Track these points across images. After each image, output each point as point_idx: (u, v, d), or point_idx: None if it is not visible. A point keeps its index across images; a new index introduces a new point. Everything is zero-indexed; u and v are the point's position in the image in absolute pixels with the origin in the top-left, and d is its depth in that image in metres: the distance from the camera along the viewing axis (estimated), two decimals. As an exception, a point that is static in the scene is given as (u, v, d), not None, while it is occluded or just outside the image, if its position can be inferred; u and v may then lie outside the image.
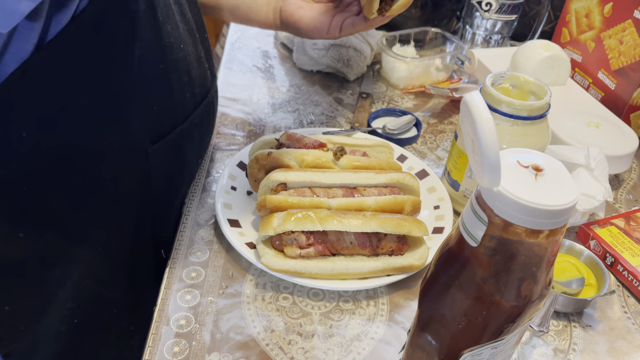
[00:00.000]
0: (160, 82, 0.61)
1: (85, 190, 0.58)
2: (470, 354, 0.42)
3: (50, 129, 0.52)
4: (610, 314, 0.64)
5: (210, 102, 0.73)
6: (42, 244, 0.57)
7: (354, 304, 0.62)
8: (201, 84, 0.70)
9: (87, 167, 0.56)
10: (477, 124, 0.33)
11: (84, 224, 0.59)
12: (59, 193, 0.56)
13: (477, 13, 1.07)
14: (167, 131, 0.64)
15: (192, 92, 0.68)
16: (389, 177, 0.67)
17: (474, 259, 0.39)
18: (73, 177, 0.56)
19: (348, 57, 1.00)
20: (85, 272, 0.62)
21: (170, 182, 0.69)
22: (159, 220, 0.69)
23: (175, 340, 0.56)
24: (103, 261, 0.63)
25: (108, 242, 0.63)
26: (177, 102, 0.65)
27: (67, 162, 0.54)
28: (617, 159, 0.78)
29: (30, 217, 0.55)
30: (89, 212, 0.59)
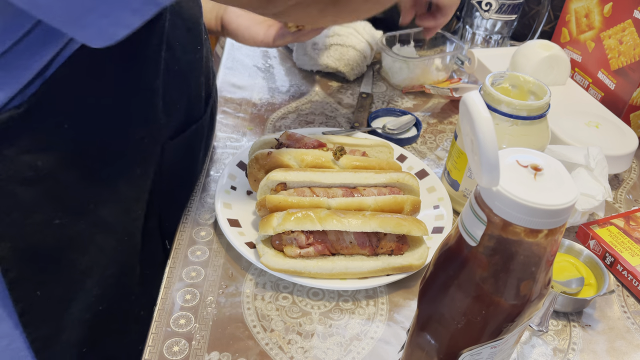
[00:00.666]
0: (180, 82, 0.65)
1: (114, 180, 0.60)
2: (470, 354, 0.42)
3: (88, 122, 0.55)
4: (610, 314, 0.64)
5: (214, 100, 0.77)
6: (73, 232, 0.59)
7: (353, 304, 0.62)
8: (207, 83, 0.74)
9: (117, 157, 0.60)
10: (476, 124, 0.33)
11: (111, 213, 0.62)
12: (92, 183, 0.58)
13: (477, 13, 1.07)
14: (184, 128, 0.69)
15: (204, 91, 0.72)
16: (388, 176, 0.67)
17: (473, 259, 0.39)
18: (104, 169, 0.59)
19: (348, 57, 1.00)
20: (110, 260, 0.64)
21: (178, 176, 0.72)
22: (165, 211, 0.71)
23: (175, 340, 0.56)
24: (125, 250, 0.66)
25: (129, 231, 0.65)
26: (193, 101, 0.70)
27: (100, 153, 0.57)
28: (617, 159, 0.78)
29: (66, 205, 0.57)
30: (116, 201, 0.62)
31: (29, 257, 0.56)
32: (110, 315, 0.68)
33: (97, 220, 0.60)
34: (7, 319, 0.58)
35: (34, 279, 0.58)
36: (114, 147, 0.58)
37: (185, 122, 0.69)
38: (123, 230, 0.64)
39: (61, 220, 0.57)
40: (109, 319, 0.68)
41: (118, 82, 0.56)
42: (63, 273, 0.60)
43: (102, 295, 0.65)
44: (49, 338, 0.62)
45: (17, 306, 0.57)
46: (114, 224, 0.63)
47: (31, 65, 0.49)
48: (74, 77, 0.52)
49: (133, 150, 0.61)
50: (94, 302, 0.65)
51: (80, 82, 0.53)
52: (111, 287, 0.66)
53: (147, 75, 0.58)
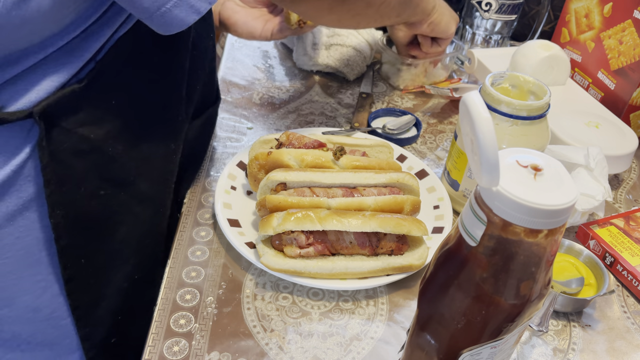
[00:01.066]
0: (201, 65, 0.69)
1: (154, 155, 0.64)
2: (470, 354, 0.42)
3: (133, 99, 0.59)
4: (610, 314, 0.64)
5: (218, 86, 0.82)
6: (115, 203, 0.62)
7: (353, 304, 0.62)
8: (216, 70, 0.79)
9: (155, 135, 0.63)
10: (476, 124, 0.33)
11: (149, 186, 0.65)
12: (135, 156, 0.62)
13: (477, 13, 1.07)
14: (202, 110, 0.74)
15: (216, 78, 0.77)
16: (388, 177, 0.67)
17: (473, 259, 0.39)
18: (145, 144, 0.62)
19: (348, 57, 1.00)
20: (146, 230, 0.68)
21: (193, 154, 0.77)
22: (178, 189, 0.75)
23: (175, 340, 0.56)
24: (156, 221, 0.69)
25: (163, 203, 0.69)
26: (208, 84, 0.74)
27: (143, 129, 0.61)
28: (617, 159, 0.78)
29: (111, 176, 0.60)
30: (154, 175, 0.65)
31: (77, 225, 0.59)
32: (145, 284, 0.70)
33: (136, 192, 0.64)
34: (53, 287, 0.61)
35: (81, 247, 0.60)
36: (154, 122, 0.62)
37: (203, 105, 0.74)
38: (158, 201, 0.68)
39: (106, 191, 0.60)
40: (143, 288, 0.70)
41: (158, 62, 0.60)
42: (106, 242, 0.63)
43: (138, 264, 0.68)
44: (90, 306, 0.65)
45: (65, 273, 0.60)
46: (151, 196, 0.66)
47: (91, 46, 0.53)
48: (122, 58, 0.56)
49: (170, 126, 0.65)
50: (131, 270, 0.68)
51: (126, 63, 0.56)
52: (146, 257, 0.69)
53: (180, 56, 0.62)
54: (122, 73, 0.57)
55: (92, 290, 0.64)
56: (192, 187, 0.76)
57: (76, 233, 0.59)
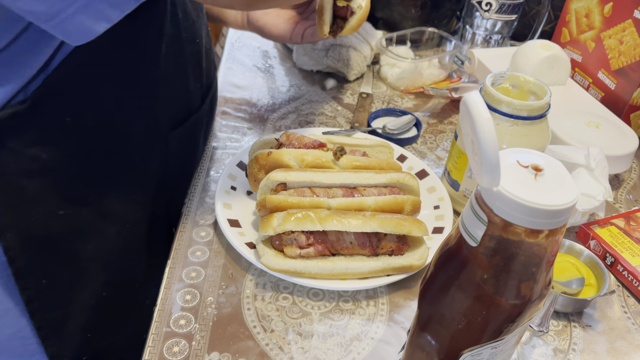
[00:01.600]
0: (179, 73, 0.66)
1: (117, 171, 0.62)
2: (470, 354, 0.42)
3: (89, 115, 0.56)
4: (610, 314, 0.64)
5: (214, 91, 0.79)
6: (78, 222, 0.60)
7: (353, 304, 0.62)
8: (208, 75, 0.76)
9: (120, 149, 0.61)
10: (477, 124, 0.33)
11: (115, 203, 0.63)
12: (97, 173, 0.60)
13: (477, 13, 1.07)
14: (184, 118, 0.71)
15: (202, 82, 0.73)
16: (388, 177, 0.67)
17: (473, 259, 0.39)
18: (108, 159, 0.60)
19: (348, 57, 1.00)
20: (114, 247, 0.66)
21: (183, 164, 0.74)
22: (171, 199, 0.73)
23: (175, 340, 0.56)
24: (129, 238, 0.67)
25: (134, 220, 0.67)
26: (192, 92, 0.71)
27: (103, 145, 0.59)
28: (617, 159, 0.78)
29: (70, 196, 0.58)
30: (120, 191, 0.63)
31: (34, 246, 0.57)
32: (115, 302, 0.69)
33: (101, 210, 0.62)
34: (13, 308, 0.59)
35: (40, 267, 0.59)
36: (116, 138, 0.60)
37: (184, 113, 0.70)
38: (127, 219, 0.66)
39: (65, 211, 0.58)
40: (113, 306, 0.69)
41: (118, 75, 0.56)
42: (68, 261, 0.61)
43: (107, 282, 0.66)
44: (56, 325, 0.63)
45: (24, 294, 0.58)
46: (118, 214, 0.64)
47: (31, 61, 0.49)
48: (75, 72, 0.52)
49: (134, 140, 0.62)
50: (99, 288, 0.66)
51: (80, 77, 0.53)
52: (116, 274, 0.67)
53: (147, 67, 0.59)
54: (78, 89, 0.54)
55: (56, 310, 0.62)
56: (192, 187, 0.75)
57: (33, 254, 0.57)
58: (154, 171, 0.67)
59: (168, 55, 0.62)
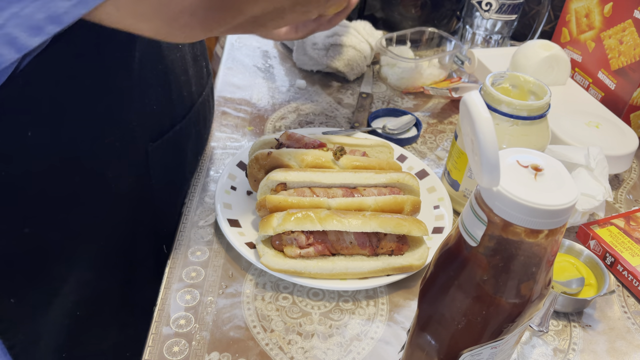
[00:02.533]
0: (159, 82, 0.62)
1: (88, 188, 0.59)
2: (470, 354, 0.42)
3: (54, 129, 0.53)
4: (610, 314, 0.64)
5: (206, 99, 0.75)
6: (46, 240, 0.58)
7: (353, 304, 0.62)
8: (198, 82, 0.72)
9: (90, 165, 0.58)
10: (476, 124, 0.33)
11: (87, 221, 0.60)
12: (63, 191, 0.57)
13: (477, 13, 1.07)
14: (166, 129, 0.66)
15: (189, 90, 0.69)
16: (388, 177, 0.67)
17: (473, 259, 0.39)
18: (76, 176, 0.57)
19: (348, 57, 1.00)
20: (87, 266, 0.63)
21: (170, 179, 0.71)
22: (160, 216, 0.70)
23: (175, 340, 0.56)
24: (105, 256, 0.64)
25: (110, 237, 0.64)
26: (175, 101, 0.67)
27: (71, 161, 0.56)
28: (617, 159, 0.78)
29: (36, 214, 0.56)
30: (92, 209, 0.60)
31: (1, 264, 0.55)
32: (90, 321, 0.66)
33: (70, 229, 0.59)
34: None
35: (6, 286, 0.57)
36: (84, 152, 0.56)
37: (167, 124, 0.66)
38: (99, 237, 0.62)
39: (31, 230, 0.55)
40: (89, 324, 0.67)
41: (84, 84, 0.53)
42: (37, 281, 0.59)
43: (79, 302, 0.64)
44: (27, 344, 0.61)
45: None
46: (90, 232, 0.61)
47: None
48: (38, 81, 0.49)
49: (104, 153, 0.58)
50: (72, 307, 0.64)
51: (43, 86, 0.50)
52: (90, 293, 0.65)
53: (116, 76, 0.56)
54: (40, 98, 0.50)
55: (27, 329, 0.60)
56: (192, 187, 0.75)
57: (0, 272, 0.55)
58: (131, 185, 0.63)
59: (144, 63, 0.58)
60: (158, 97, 0.63)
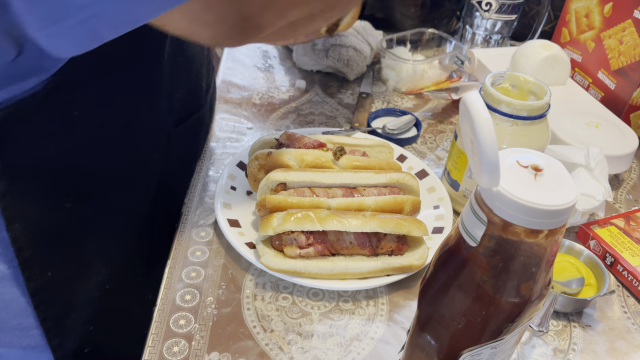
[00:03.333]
0: (183, 73, 0.68)
1: (120, 166, 0.63)
2: (470, 354, 0.42)
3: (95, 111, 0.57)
4: (610, 314, 0.64)
5: (213, 90, 0.81)
6: (83, 215, 0.61)
7: (353, 304, 0.62)
8: (207, 75, 0.78)
9: (123, 143, 0.62)
10: (476, 124, 0.33)
11: (118, 197, 0.64)
12: (100, 167, 0.60)
13: (477, 13, 1.07)
14: (186, 116, 0.73)
15: (205, 81, 0.76)
16: (388, 177, 0.67)
17: (473, 259, 0.39)
18: (111, 156, 0.61)
19: (348, 57, 1.00)
20: (117, 241, 0.66)
21: (185, 160, 0.77)
22: (173, 196, 0.74)
23: (175, 340, 0.56)
24: (131, 232, 0.68)
25: (136, 214, 0.68)
26: (195, 91, 0.73)
27: (107, 139, 0.60)
28: (617, 159, 0.78)
29: (75, 190, 0.59)
30: (123, 186, 0.64)
31: (40, 238, 0.58)
32: (117, 295, 0.69)
33: (105, 204, 0.62)
34: (19, 299, 0.59)
35: (46, 259, 0.59)
36: (119, 135, 0.61)
37: (187, 111, 0.73)
38: (130, 213, 0.67)
39: (72, 204, 0.59)
40: (115, 299, 0.70)
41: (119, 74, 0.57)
42: (73, 254, 0.62)
43: (110, 275, 0.67)
44: (59, 317, 0.64)
45: (29, 285, 0.58)
46: (121, 208, 0.65)
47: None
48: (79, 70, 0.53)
49: (137, 138, 0.63)
50: (102, 281, 0.67)
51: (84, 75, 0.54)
52: (119, 267, 0.68)
53: (148, 67, 0.60)
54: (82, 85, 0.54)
55: (60, 302, 0.63)
56: (192, 187, 0.76)
57: (39, 246, 0.57)
58: (155, 167, 0.68)
59: (172, 52, 0.63)
60: (182, 85, 0.68)
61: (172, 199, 0.74)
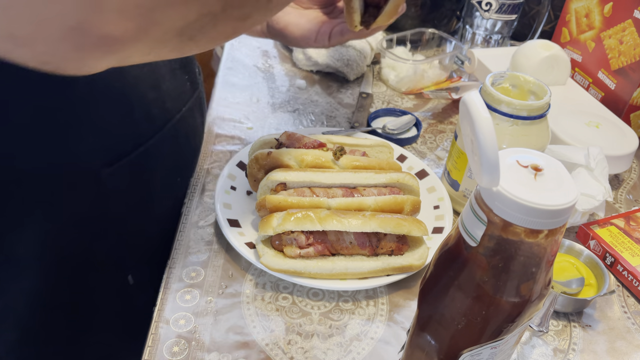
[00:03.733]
0: (116, 100, 0.56)
1: (22, 210, 0.54)
2: (470, 354, 0.42)
3: None
4: (610, 314, 0.64)
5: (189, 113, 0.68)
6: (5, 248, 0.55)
7: (353, 304, 0.62)
8: (176, 97, 0.66)
9: (31, 188, 0.53)
10: (476, 124, 0.33)
11: (24, 247, 0.56)
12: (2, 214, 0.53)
13: (477, 13, 1.07)
14: (126, 152, 0.61)
15: (162, 107, 0.64)
16: (388, 177, 0.67)
17: (473, 259, 0.39)
18: (10, 199, 0.53)
19: (348, 57, 1.00)
20: (27, 302, 0.59)
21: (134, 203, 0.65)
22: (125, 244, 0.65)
23: (175, 340, 0.56)
24: (42, 287, 0.60)
25: (46, 265, 0.59)
26: (138, 121, 0.61)
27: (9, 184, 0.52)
28: (617, 159, 0.78)
29: None
30: (27, 233, 0.56)
31: None
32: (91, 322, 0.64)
33: (10, 253, 0.55)
34: None
35: None
36: (16, 174, 0.52)
37: (128, 146, 0.61)
38: (46, 262, 0.58)
39: None
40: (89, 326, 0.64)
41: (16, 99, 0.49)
42: None
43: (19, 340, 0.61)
44: None
45: None
46: (34, 256, 0.57)
47: None
48: None
49: (48, 177, 0.54)
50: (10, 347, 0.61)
51: None
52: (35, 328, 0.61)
53: (55, 92, 0.50)
54: None
55: None
56: (192, 187, 0.76)
57: None
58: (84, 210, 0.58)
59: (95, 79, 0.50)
60: (113, 118, 0.56)
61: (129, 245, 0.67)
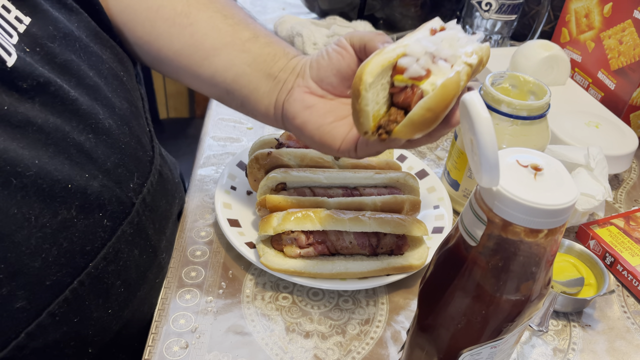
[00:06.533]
0: None
1: None
2: (470, 354, 0.42)
3: None
4: (610, 314, 0.64)
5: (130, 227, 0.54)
6: None
7: (353, 304, 0.62)
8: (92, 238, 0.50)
9: None
10: (476, 124, 0.33)
11: None
12: None
13: (477, 13, 1.07)
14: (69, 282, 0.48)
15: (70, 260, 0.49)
16: (388, 177, 0.67)
17: (473, 259, 0.39)
18: None
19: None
20: None
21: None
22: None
23: (175, 340, 0.56)
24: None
25: None
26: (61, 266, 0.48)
27: None
28: (617, 159, 0.78)
29: None
30: None
31: None
32: None
33: None
34: None
35: None
36: None
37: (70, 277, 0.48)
38: None
39: None
40: None
41: None
42: None
43: None
44: None
45: None
46: None
47: None
48: None
49: None
50: None
51: None
52: None
53: None
54: None
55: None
56: (192, 186, 0.76)
57: None
58: None
59: None
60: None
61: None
